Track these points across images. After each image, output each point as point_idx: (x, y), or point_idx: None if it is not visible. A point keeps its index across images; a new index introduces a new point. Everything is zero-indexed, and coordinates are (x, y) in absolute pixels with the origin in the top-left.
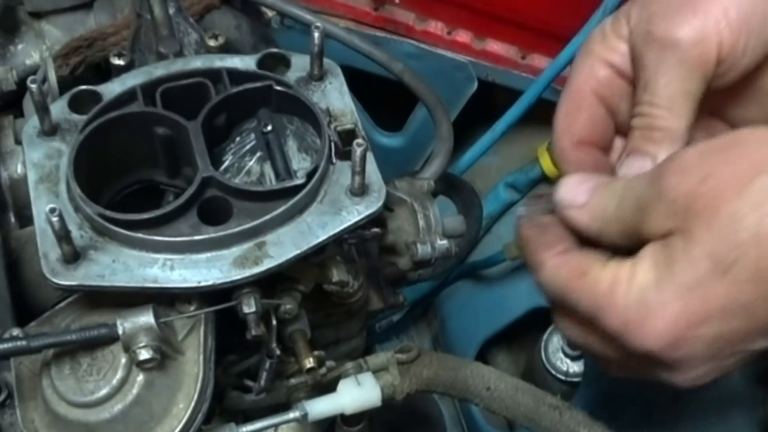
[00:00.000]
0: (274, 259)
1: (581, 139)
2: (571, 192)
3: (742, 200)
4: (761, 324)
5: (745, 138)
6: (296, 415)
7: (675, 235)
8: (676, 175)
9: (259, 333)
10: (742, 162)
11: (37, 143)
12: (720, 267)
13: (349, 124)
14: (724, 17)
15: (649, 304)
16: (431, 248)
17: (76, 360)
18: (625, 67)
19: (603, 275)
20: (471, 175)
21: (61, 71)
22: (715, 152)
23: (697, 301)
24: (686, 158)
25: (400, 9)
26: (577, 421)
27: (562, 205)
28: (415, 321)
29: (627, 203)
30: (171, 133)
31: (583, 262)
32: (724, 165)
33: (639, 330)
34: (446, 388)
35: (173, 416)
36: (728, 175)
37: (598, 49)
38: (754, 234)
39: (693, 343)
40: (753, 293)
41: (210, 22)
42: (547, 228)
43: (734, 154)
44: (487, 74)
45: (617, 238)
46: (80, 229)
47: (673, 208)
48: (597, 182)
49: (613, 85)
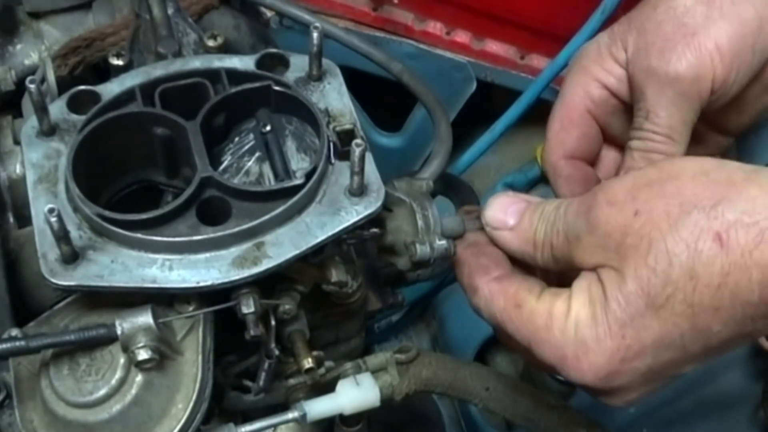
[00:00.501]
0: (273, 259)
1: (573, 155)
2: (500, 213)
3: (675, 236)
4: (692, 353)
5: (677, 172)
6: (295, 415)
7: (608, 269)
8: (607, 207)
9: (257, 333)
10: (675, 197)
11: (36, 143)
12: (654, 303)
13: (347, 124)
14: (717, 52)
15: (585, 341)
16: (430, 248)
17: (75, 360)
18: (618, 89)
19: (538, 309)
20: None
21: (59, 71)
22: (646, 186)
23: (632, 336)
24: (616, 190)
25: (399, 9)
26: (576, 421)
27: (492, 225)
28: (413, 321)
29: (557, 231)
30: (170, 134)
31: (518, 292)
32: (656, 199)
33: (575, 365)
34: (445, 389)
35: (172, 416)
36: (661, 210)
37: (594, 69)
38: (688, 270)
39: (627, 375)
40: (685, 327)
41: (209, 23)
42: (482, 250)
43: (666, 188)
44: (485, 74)
45: (547, 262)
46: (79, 229)
47: (605, 242)
48: (525, 204)
49: (606, 104)
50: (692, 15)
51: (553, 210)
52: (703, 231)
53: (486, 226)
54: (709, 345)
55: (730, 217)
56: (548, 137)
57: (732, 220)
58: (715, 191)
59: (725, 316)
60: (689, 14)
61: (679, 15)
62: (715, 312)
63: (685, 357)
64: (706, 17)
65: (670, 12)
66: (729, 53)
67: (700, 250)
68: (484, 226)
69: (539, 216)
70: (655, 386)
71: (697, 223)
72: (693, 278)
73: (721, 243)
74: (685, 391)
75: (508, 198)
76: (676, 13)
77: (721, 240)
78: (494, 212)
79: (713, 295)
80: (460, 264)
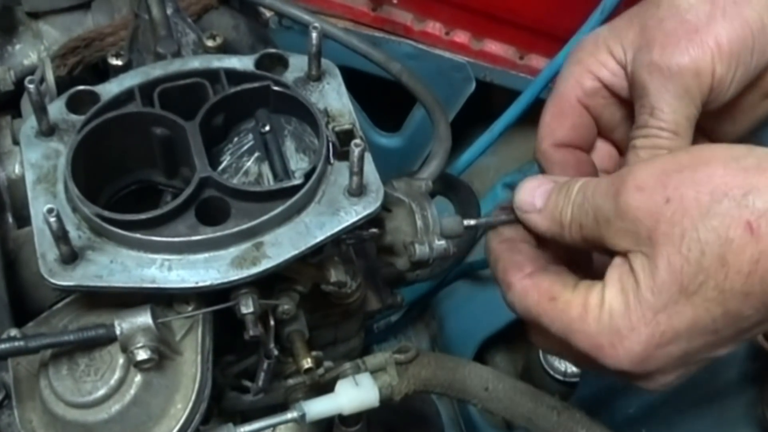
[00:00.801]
0: (272, 259)
1: (564, 143)
2: (528, 196)
3: (707, 225)
4: (724, 337)
5: (708, 158)
6: (294, 415)
7: (640, 256)
8: (637, 193)
9: (257, 333)
10: (706, 184)
11: (35, 143)
12: (687, 290)
13: (347, 124)
14: (717, 50)
15: (619, 330)
16: (429, 249)
17: (74, 360)
18: (611, 82)
19: (573, 301)
20: (469, 176)
21: (58, 71)
22: (676, 172)
23: (665, 323)
24: (645, 176)
25: (398, 9)
26: (575, 421)
27: (522, 210)
28: (413, 321)
29: (585, 212)
30: (169, 134)
31: (552, 286)
32: (687, 187)
33: (612, 353)
34: (444, 389)
35: (171, 417)
36: (692, 198)
37: (588, 60)
38: (719, 258)
39: (663, 360)
40: (717, 312)
41: (208, 23)
42: (517, 246)
43: (697, 175)
44: (485, 74)
45: (576, 242)
46: (78, 229)
47: (636, 228)
48: (552, 185)
49: (598, 96)
50: (695, 13)
51: (578, 190)
52: (734, 220)
53: (517, 211)
54: (741, 328)
55: (760, 206)
56: (540, 126)
57: (762, 209)
58: (745, 179)
59: (755, 301)
60: (692, 12)
61: (681, 12)
62: (745, 297)
63: (718, 340)
64: (709, 15)
65: (673, 9)
66: (728, 52)
67: (731, 239)
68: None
69: (564, 196)
70: (691, 368)
71: (728, 212)
72: (724, 266)
73: (752, 231)
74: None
75: (535, 181)
76: (679, 11)
77: (752, 228)
78: (523, 196)
79: (744, 282)
80: (494, 259)
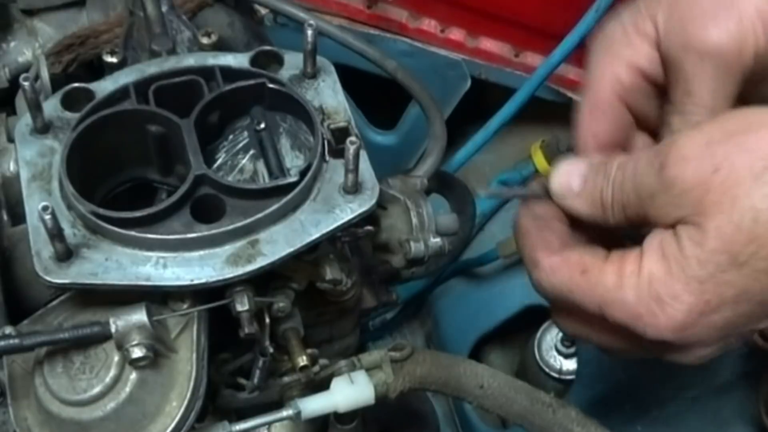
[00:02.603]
0: (267, 257)
1: (606, 145)
2: (564, 181)
3: (759, 191)
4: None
5: (757, 124)
6: (289, 413)
7: (687, 225)
8: (683, 164)
9: (252, 331)
10: (756, 150)
11: (30, 141)
12: (737, 260)
13: (342, 121)
14: (759, 20)
15: (660, 297)
16: (424, 246)
17: (69, 358)
18: (650, 69)
19: (607, 270)
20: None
21: (53, 69)
22: (723, 140)
23: (712, 291)
24: (690, 146)
25: (393, 7)
26: (571, 418)
27: (559, 194)
28: (408, 319)
29: (627, 190)
30: (164, 131)
31: (582, 258)
32: (737, 155)
33: (652, 321)
34: (440, 386)
35: (166, 414)
36: (742, 165)
37: (621, 49)
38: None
39: (705, 329)
40: (766, 282)
41: (203, 20)
42: (547, 224)
43: (747, 142)
44: (480, 72)
45: (620, 222)
46: (73, 227)
47: (683, 200)
48: (587, 167)
49: (638, 89)
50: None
51: (618, 170)
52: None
53: (554, 196)
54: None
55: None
56: (579, 129)
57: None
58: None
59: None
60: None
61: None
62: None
63: (764, 310)
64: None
65: None
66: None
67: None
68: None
69: (603, 177)
70: (730, 341)
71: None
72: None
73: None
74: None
75: (569, 164)
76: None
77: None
78: (560, 179)
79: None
80: (522, 235)
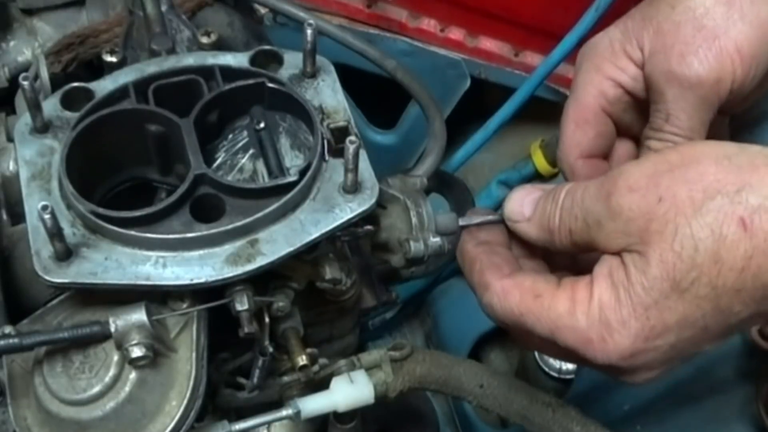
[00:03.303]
0: (267, 256)
1: (589, 153)
2: (517, 206)
3: (701, 221)
4: (712, 332)
5: (698, 156)
6: (289, 412)
7: (632, 254)
8: (629, 194)
9: (251, 330)
10: (698, 182)
11: (30, 140)
12: (679, 287)
13: (341, 121)
14: (737, 55)
15: (609, 323)
16: (424, 245)
17: (69, 358)
18: (633, 87)
19: (560, 296)
20: (464, 173)
21: (53, 68)
22: (667, 171)
23: (656, 317)
24: (637, 176)
25: (393, 6)
26: (570, 418)
27: (511, 219)
28: (407, 318)
29: (574, 216)
30: (163, 130)
31: (535, 284)
32: (679, 185)
33: (601, 347)
34: (439, 386)
35: (166, 414)
36: (684, 196)
37: (608, 67)
38: (713, 254)
39: (651, 354)
40: (708, 308)
41: (202, 19)
42: (494, 249)
43: (689, 173)
44: (479, 71)
45: (566, 247)
46: (72, 226)
47: (628, 227)
48: (539, 194)
49: (620, 102)
50: (712, 17)
51: (566, 195)
52: (728, 216)
53: (507, 221)
54: (729, 324)
55: (753, 202)
56: (563, 138)
57: (756, 205)
58: (737, 176)
59: (746, 297)
60: (709, 16)
61: (698, 16)
62: (737, 293)
63: (706, 335)
64: (726, 18)
65: (689, 13)
66: (749, 56)
67: (724, 235)
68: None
69: (551, 202)
70: (675, 364)
71: (722, 209)
72: (717, 262)
73: (745, 227)
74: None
75: (524, 191)
76: (696, 15)
77: (745, 225)
78: (512, 206)
79: (736, 278)
80: (470, 261)
